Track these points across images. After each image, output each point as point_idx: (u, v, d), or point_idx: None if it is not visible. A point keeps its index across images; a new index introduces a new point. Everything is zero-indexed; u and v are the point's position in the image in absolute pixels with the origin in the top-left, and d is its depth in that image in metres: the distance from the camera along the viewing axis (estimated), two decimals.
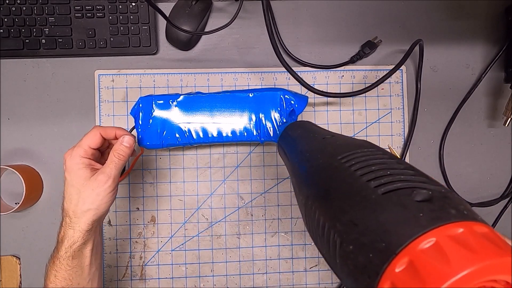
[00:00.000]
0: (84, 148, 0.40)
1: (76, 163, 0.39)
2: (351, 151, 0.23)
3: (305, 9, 0.58)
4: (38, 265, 0.54)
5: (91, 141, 0.40)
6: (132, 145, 0.41)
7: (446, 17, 0.59)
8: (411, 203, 0.17)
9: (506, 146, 0.60)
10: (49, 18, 0.53)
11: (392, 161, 0.22)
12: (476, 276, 0.14)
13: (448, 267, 0.14)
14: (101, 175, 0.39)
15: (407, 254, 0.15)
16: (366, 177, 0.20)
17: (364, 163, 0.21)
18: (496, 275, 0.15)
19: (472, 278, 0.14)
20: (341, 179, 0.22)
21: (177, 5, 0.55)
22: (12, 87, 0.55)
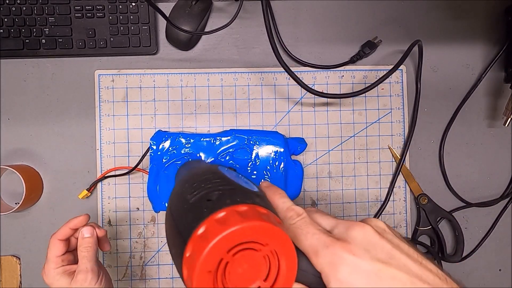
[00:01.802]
0: (52, 260, 0.41)
1: (53, 277, 0.41)
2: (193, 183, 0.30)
3: (305, 9, 0.58)
4: (38, 265, 0.54)
5: (55, 251, 0.42)
6: (92, 232, 0.42)
7: (446, 17, 0.59)
8: (203, 203, 0.24)
9: (506, 146, 0.60)
10: (49, 18, 0.53)
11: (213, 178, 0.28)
12: (225, 242, 0.20)
13: (206, 241, 0.20)
14: (79, 274, 0.40)
15: (191, 241, 0.21)
16: (189, 195, 0.27)
17: (192, 186, 0.28)
18: (242, 238, 0.21)
19: (225, 243, 0.20)
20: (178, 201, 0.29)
21: (177, 5, 0.55)
22: (12, 87, 0.55)
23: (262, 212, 0.22)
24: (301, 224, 0.25)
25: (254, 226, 0.21)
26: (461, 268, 0.59)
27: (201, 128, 0.56)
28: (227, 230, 0.20)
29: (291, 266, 0.22)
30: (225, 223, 0.21)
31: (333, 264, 0.22)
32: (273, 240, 0.21)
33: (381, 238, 0.24)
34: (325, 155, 0.57)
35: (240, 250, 0.21)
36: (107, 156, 0.55)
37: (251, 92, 0.57)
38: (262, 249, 0.21)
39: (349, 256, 0.22)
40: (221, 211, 0.21)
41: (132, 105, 0.56)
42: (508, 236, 0.60)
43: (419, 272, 0.22)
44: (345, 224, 0.25)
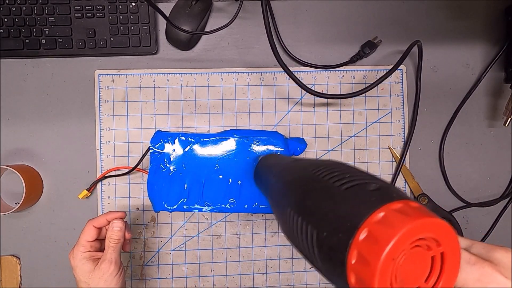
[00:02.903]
0: (82, 244, 0.43)
1: (79, 260, 0.42)
2: (319, 165, 0.29)
3: (305, 9, 0.58)
4: (38, 265, 0.54)
5: (87, 236, 0.44)
6: (122, 227, 0.44)
7: (446, 17, 0.59)
8: (366, 192, 0.23)
9: (506, 146, 0.60)
10: (49, 18, 0.53)
11: (350, 168, 0.28)
12: (412, 233, 0.19)
13: (392, 229, 0.19)
14: (103, 263, 0.42)
15: (366, 226, 0.20)
16: (332, 180, 0.26)
17: (329, 171, 0.28)
18: (426, 232, 0.20)
19: (410, 235, 0.19)
20: (313, 183, 0.28)
21: (177, 5, 0.55)
22: (12, 87, 0.55)
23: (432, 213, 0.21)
24: None
25: (436, 222, 0.20)
26: None
27: (201, 128, 0.56)
28: (416, 221, 0.19)
29: (454, 272, 0.22)
30: (407, 214, 0.20)
31: (482, 282, 0.23)
32: (447, 242, 0.21)
33: None
34: (325, 155, 0.57)
35: (416, 245, 0.21)
36: (107, 156, 0.55)
37: (251, 92, 0.57)
38: (434, 249, 0.21)
39: (499, 276, 0.23)
40: (396, 202, 0.21)
41: (132, 105, 0.56)
42: (508, 236, 0.60)
43: None
44: (483, 245, 0.26)
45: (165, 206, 0.52)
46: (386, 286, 0.20)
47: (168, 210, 0.53)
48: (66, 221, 0.55)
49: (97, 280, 0.41)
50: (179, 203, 0.52)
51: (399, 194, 0.23)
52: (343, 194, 0.24)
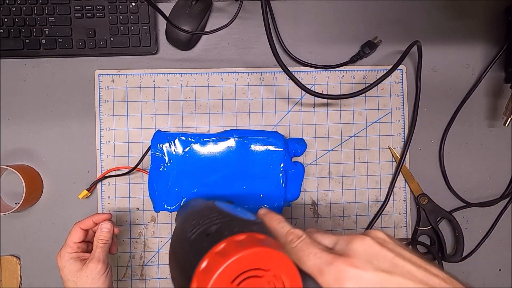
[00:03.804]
0: (69, 245, 0.45)
1: (66, 260, 0.43)
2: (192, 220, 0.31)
3: (305, 9, 0.58)
4: (38, 265, 0.54)
5: (74, 237, 0.45)
6: (110, 229, 0.46)
7: (446, 17, 0.59)
8: (203, 238, 0.25)
9: (506, 146, 0.60)
10: (49, 18, 0.53)
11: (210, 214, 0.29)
12: (229, 272, 0.21)
13: (210, 275, 0.21)
14: (91, 262, 0.43)
15: (195, 277, 0.22)
16: (189, 233, 0.28)
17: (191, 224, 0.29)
18: (247, 266, 0.21)
19: (228, 274, 0.21)
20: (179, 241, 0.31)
21: (177, 5, 0.55)
22: (12, 87, 0.55)
23: (260, 239, 0.22)
24: (302, 245, 0.26)
25: (253, 252, 0.21)
26: (461, 268, 0.59)
27: (201, 128, 0.56)
28: (228, 261, 0.21)
29: (296, 286, 0.22)
30: (225, 254, 0.21)
31: (338, 280, 0.23)
32: (274, 264, 0.22)
33: (382, 248, 0.24)
34: (325, 155, 0.57)
35: (244, 279, 0.21)
36: (107, 156, 0.55)
37: (251, 92, 0.57)
38: (265, 275, 0.22)
39: (352, 269, 0.23)
40: (221, 243, 0.22)
41: (132, 105, 0.56)
42: (508, 236, 0.60)
43: (424, 277, 0.22)
44: (345, 239, 0.26)
45: (165, 206, 0.52)
46: None
47: (168, 210, 0.53)
48: (66, 221, 0.55)
49: (85, 279, 0.42)
50: (179, 203, 0.52)
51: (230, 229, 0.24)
52: (189, 242, 0.27)
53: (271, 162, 0.52)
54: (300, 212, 0.57)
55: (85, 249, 0.46)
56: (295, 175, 0.54)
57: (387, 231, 0.57)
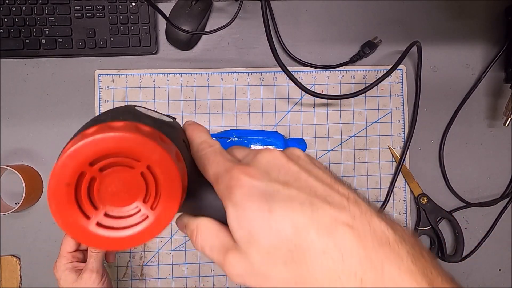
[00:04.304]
0: (63, 255, 0.44)
1: (62, 271, 0.43)
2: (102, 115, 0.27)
3: (305, 9, 0.58)
4: (38, 265, 0.54)
5: (67, 247, 0.44)
6: None
7: (446, 17, 0.59)
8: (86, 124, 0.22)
9: (506, 146, 0.60)
10: (49, 18, 0.53)
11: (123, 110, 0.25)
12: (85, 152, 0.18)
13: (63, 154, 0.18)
14: (85, 272, 0.43)
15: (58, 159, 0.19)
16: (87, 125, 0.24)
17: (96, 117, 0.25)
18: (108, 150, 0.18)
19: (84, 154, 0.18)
20: None
21: (177, 5, 0.55)
22: (12, 87, 0.55)
23: (141, 128, 0.20)
24: (210, 153, 0.23)
25: (121, 137, 0.18)
26: (461, 268, 0.59)
27: None
28: (85, 140, 0.18)
29: (173, 185, 0.20)
30: (88, 135, 0.18)
31: (229, 188, 0.20)
32: (145, 155, 0.19)
33: (289, 161, 0.21)
34: (325, 155, 0.57)
35: (110, 166, 0.19)
36: None
37: (251, 92, 0.57)
38: (136, 166, 0.19)
39: (244, 177, 0.20)
40: (95, 126, 0.19)
41: None
42: (508, 236, 0.60)
43: (323, 193, 0.20)
44: (255, 151, 0.23)
45: None
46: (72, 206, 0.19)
47: None
48: None
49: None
50: None
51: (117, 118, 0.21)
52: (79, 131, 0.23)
53: None
54: None
55: (80, 259, 0.46)
56: None
57: None
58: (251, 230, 0.19)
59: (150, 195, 0.20)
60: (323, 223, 0.18)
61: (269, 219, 0.19)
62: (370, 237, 0.18)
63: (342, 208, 0.19)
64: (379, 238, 0.18)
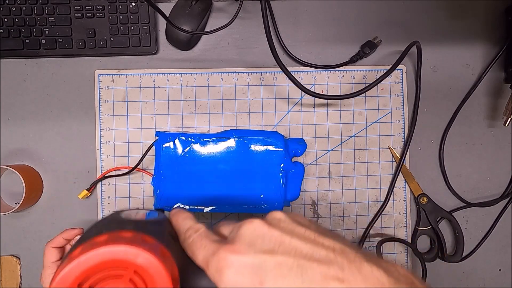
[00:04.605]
0: (48, 266, 0.43)
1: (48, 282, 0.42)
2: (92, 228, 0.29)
3: (305, 9, 0.58)
4: (38, 265, 0.54)
5: (49, 257, 0.43)
6: None
7: (446, 17, 0.59)
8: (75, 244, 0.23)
9: (506, 146, 0.60)
10: (49, 18, 0.53)
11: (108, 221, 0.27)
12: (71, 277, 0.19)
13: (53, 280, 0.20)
14: None
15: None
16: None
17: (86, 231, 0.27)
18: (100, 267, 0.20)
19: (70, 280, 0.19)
20: None
21: (177, 5, 0.55)
22: (12, 87, 0.55)
23: (122, 236, 0.21)
24: (196, 239, 0.24)
25: (99, 254, 0.20)
26: (461, 268, 0.59)
27: (201, 128, 0.56)
28: (70, 264, 0.19)
29: (162, 283, 0.20)
30: (73, 258, 0.20)
31: (219, 270, 0.21)
32: (129, 262, 0.20)
33: (270, 228, 0.22)
34: (325, 155, 0.57)
35: (100, 281, 0.20)
36: (107, 156, 0.55)
37: (251, 92, 0.57)
38: (124, 274, 0.20)
39: (231, 256, 0.21)
40: (80, 246, 0.21)
41: (132, 105, 0.56)
42: (508, 236, 0.60)
43: (309, 251, 0.20)
44: (238, 225, 0.23)
45: (164, 206, 0.52)
46: None
47: (169, 210, 0.53)
48: (66, 221, 0.55)
49: None
50: (179, 203, 0.52)
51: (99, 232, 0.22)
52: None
53: (271, 162, 0.52)
54: (300, 212, 0.57)
55: None
56: (295, 175, 0.54)
57: (387, 231, 0.57)
58: None
59: None
60: (314, 282, 0.19)
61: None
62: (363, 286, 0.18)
63: (329, 262, 0.19)
64: (372, 285, 0.18)
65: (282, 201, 0.52)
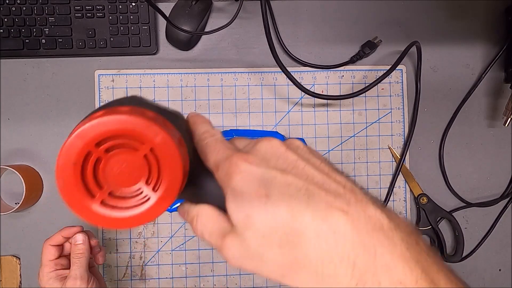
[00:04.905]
0: (45, 264, 0.43)
1: (46, 281, 0.42)
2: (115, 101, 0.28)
3: (305, 9, 0.58)
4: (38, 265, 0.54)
5: (48, 255, 0.43)
6: (85, 239, 0.44)
7: (446, 17, 0.59)
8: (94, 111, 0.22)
9: (506, 146, 0.60)
10: (49, 18, 0.53)
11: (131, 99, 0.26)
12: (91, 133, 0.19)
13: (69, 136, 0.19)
14: (68, 280, 0.42)
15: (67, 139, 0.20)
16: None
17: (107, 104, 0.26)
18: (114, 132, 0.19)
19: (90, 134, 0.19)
20: None
21: (177, 5, 0.55)
22: (12, 87, 0.55)
23: (145, 113, 0.20)
24: (211, 142, 0.23)
25: (122, 119, 0.19)
26: (461, 268, 0.59)
27: None
28: (92, 122, 0.19)
29: (174, 168, 0.20)
30: (95, 117, 0.19)
31: (229, 174, 0.21)
32: (149, 138, 0.20)
33: (288, 150, 0.22)
34: (325, 155, 0.57)
35: (115, 148, 0.20)
36: None
37: (251, 92, 0.57)
38: (140, 148, 0.20)
39: (243, 163, 0.21)
40: (102, 110, 0.20)
41: None
42: (508, 236, 0.60)
43: (320, 181, 0.20)
44: (255, 140, 0.23)
45: None
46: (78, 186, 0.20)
47: (168, 210, 0.53)
48: (66, 221, 0.55)
49: None
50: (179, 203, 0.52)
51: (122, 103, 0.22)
52: None
53: None
54: None
55: (65, 265, 0.44)
56: None
57: None
58: (248, 213, 0.20)
59: (153, 177, 0.21)
60: (318, 208, 0.19)
61: (266, 204, 0.19)
62: (364, 222, 0.18)
63: (338, 195, 0.20)
64: (373, 224, 0.18)
65: None
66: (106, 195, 0.20)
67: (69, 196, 0.20)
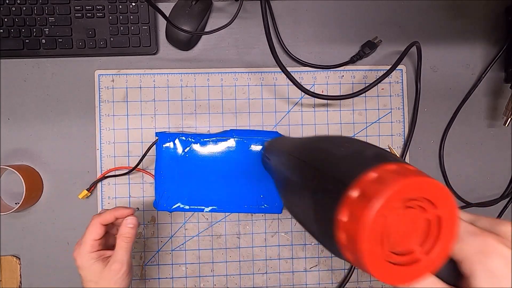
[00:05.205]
0: (89, 243, 0.41)
1: (87, 260, 0.40)
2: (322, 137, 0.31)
3: (305, 9, 0.58)
4: (38, 265, 0.54)
5: (94, 235, 0.41)
6: (136, 224, 0.42)
7: (446, 17, 0.59)
8: (362, 156, 0.24)
9: (506, 146, 0.60)
10: (49, 18, 0.53)
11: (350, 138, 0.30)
12: (404, 190, 0.19)
13: (384, 186, 0.19)
14: (114, 264, 0.40)
15: (359, 185, 0.20)
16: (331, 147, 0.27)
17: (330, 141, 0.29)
18: (420, 192, 0.19)
19: (402, 192, 0.19)
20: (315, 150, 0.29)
21: (177, 5, 0.55)
22: (12, 87, 0.55)
23: (414, 170, 0.21)
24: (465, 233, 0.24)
25: (431, 182, 0.19)
26: None
27: (201, 128, 0.56)
28: (409, 179, 0.19)
29: (451, 237, 0.21)
30: (401, 173, 0.19)
31: (484, 253, 0.21)
32: (443, 204, 0.20)
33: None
34: None
35: (408, 207, 0.20)
36: (107, 156, 0.55)
37: (251, 92, 0.57)
38: (430, 211, 0.20)
39: (504, 248, 0.21)
40: (392, 164, 0.20)
41: (132, 105, 0.56)
42: None
43: None
44: (488, 219, 0.24)
45: (164, 206, 0.52)
46: (376, 246, 0.19)
47: (169, 210, 0.53)
48: (66, 221, 0.55)
49: (108, 281, 0.39)
50: (179, 203, 0.52)
51: (396, 158, 0.23)
52: (340, 157, 0.24)
53: None
54: None
55: (104, 245, 0.43)
56: None
57: None
58: None
59: (429, 240, 0.21)
60: None
61: None
62: None
63: None
64: None
65: (282, 202, 0.53)
66: (388, 251, 0.20)
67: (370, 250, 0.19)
